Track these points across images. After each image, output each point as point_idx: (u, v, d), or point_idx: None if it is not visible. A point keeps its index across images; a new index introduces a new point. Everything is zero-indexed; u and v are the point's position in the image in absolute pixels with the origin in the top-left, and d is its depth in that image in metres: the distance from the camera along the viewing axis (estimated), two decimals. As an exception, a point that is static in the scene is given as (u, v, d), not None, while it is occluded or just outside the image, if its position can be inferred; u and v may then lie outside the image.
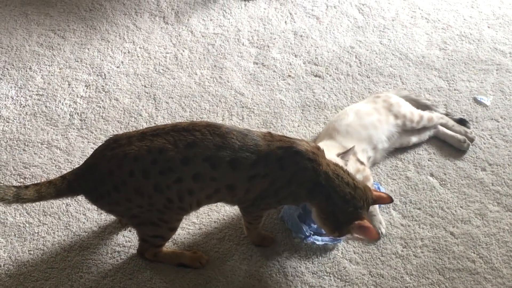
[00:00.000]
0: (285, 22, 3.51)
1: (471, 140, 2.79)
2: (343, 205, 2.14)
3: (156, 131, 2.09)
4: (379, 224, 2.45)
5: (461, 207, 2.56)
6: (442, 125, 2.81)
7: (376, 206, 2.45)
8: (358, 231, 2.17)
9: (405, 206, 2.56)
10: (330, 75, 3.15)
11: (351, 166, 2.43)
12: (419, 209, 2.55)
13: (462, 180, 2.66)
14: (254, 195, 2.16)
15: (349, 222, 2.16)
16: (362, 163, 2.52)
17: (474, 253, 2.41)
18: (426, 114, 2.77)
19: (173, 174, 2.06)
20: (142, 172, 2.06)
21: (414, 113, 2.74)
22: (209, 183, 2.10)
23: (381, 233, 2.43)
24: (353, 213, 2.15)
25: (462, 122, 2.87)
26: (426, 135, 2.78)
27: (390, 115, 2.70)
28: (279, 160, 2.10)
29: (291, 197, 2.20)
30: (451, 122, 2.83)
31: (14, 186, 2.12)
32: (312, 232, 2.41)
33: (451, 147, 2.77)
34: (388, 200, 2.26)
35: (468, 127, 2.84)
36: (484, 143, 2.81)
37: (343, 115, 2.70)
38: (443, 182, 2.65)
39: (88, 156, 2.18)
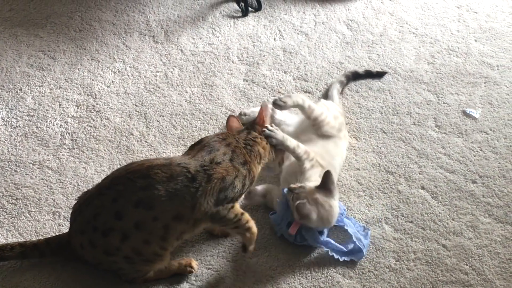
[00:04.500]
0: (274, 39, 3.53)
1: None
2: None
3: (88, 199, 2.18)
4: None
5: (453, 219, 2.57)
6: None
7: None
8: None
9: (397, 220, 2.57)
10: (320, 91, 3.17)
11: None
12: (411, 222, 2.56)
13: (453, 192, 2.67)
14: (209, 200, 2.19)
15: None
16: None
17: (466, 265, 2.41)
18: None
19: (116, 233, 2.12)
20: (88, 242, 2.17)
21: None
22: (154, 224, 2.13)
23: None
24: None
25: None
26: None
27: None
28: (206, 171, 2.18)
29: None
30: None
31: None
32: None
33: (440, 159, 2.79)
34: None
35: None
36: (474, 156, 2.83)
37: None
38: (435, 195, 2.66)
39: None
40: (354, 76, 3.22)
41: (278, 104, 2.69)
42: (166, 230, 2.15)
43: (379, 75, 3.26)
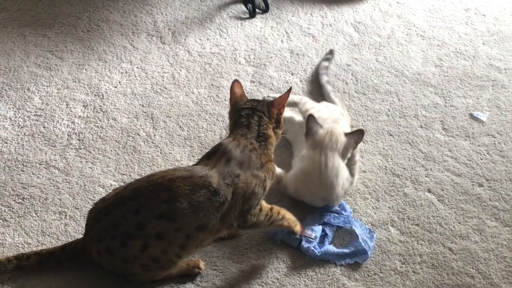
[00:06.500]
0: (282, 40, 3.53)
1: None
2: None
3: (107, 208, 2.18)
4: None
5: (459, 222, 2.56)
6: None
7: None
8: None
9: (403, 223, 2.56)
10: (326, 93, 3.17)
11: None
12: (417, 225, 2.55)
13: (459, 195, 2.67)
14: (233, 213, 2.19)
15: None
16: None
17: (472, 268, 2.41)
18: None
19: (136, 243, 2.12)
20: (106, 250, 2.17)
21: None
22: (176, 235, 2.14)
23: None
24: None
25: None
26: None
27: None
28: (228, 185, 2.17)
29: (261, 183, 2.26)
30: None
31: (15, 258, 2.28)
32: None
33: (446, 163, 2.79)
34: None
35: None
36: (481, 159, 2.82)
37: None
38: (441, 198, 2.65)
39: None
40: (332, 53, 3.39)
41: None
42: (188, 240, 2.16)
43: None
